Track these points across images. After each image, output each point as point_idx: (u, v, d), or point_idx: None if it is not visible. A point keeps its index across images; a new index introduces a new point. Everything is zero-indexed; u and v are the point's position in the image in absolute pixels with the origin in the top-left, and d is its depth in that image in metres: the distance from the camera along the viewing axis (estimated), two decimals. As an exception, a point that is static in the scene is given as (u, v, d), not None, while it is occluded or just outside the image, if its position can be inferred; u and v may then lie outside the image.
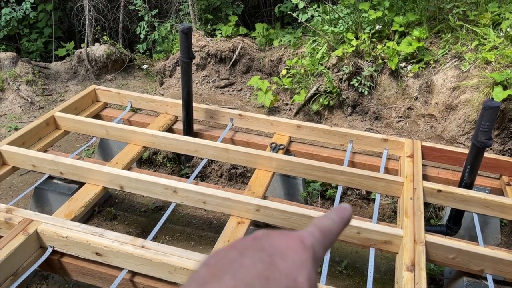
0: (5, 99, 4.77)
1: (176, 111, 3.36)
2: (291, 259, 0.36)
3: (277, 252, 0.36)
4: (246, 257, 0.35)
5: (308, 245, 0.38)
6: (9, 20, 5.26)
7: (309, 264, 0.36)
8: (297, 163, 2.66)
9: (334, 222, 0.43)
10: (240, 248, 0.36)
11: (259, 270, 0.34)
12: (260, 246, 0.36)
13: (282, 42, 4.61)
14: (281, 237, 0.38)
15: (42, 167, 2.62)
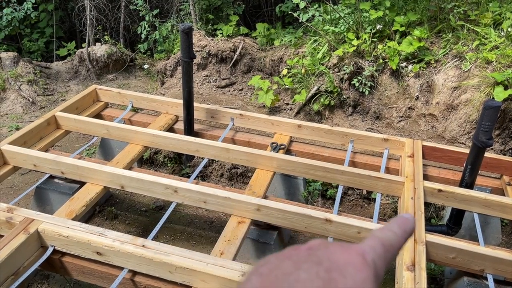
0: (7, 99, 4.78)
1: (177, 110, 3.36)
2: (351, 277, 0.33)
3: (336, 268, 0.34)
4: (302, 271, 0.33)
5: (369, 261, 0.36)
6: (11, 20, 5.28)
7: (370, 282, 0.34)
8: (298, 162, 2.66)
9: (396, 235, 0.40)
10: (296, 259, 0.34)
11: (317, 286, 0.32)
12: (317, 259, 0.34)
13: (283, 42, 4.61)
14: (340, 250, 0.36)
15: (43, 166, 2.62)
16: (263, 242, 2.56)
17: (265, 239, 2.57)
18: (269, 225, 2.54)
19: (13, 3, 5.28)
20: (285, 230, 2.81)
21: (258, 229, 2.62)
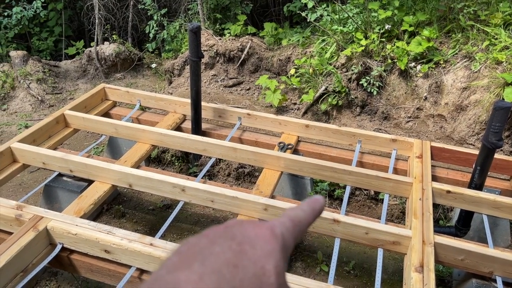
0: (16, 97, 4.82)
1: (185, 110, 3.37)
2: (260, 247, 0.36)
3: (247, 241, 0.36)
4: (216, 245, 0.36)
5: (277, 234, 0.39)
6: (20, 19, 5.31)
7: (278, 252, 0.37)
8: (305, 162, 2.66)
9: (305, 213, 0.43)
10: (212, 237, 0.37)
11: (228, 257, 0.34)
12: (231, 235, 0.37)
13: (291, 41, 4.61)
14: (252, 226, 0.39)
15: (52, 164, 2.64)
16: (270, 241, 2.56)
17: (272, 238, 2.57)
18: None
19: (22, 2, 5.32)
20: (292, 230, 2.80)
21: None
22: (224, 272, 0.34)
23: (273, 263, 0.36)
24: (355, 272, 2.70)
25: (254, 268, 0.35)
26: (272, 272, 0.35)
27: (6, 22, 5.25)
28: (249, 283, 0.34)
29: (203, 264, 0.34)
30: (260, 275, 0.35)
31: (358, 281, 2.64)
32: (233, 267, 0.34)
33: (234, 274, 0.34)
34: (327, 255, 2.79)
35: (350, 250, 2.84)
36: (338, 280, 2.62)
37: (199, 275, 0.33)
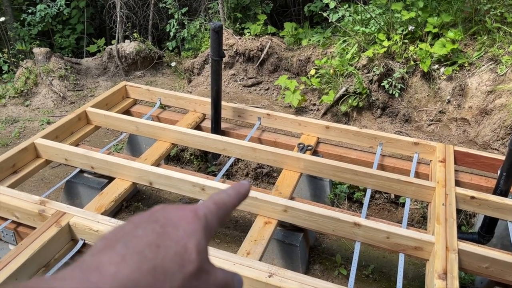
0: (39, 93, 4.90)
1: (205, 109, 3.38)
2: (182, 228, 0.38)
3: (170, 223, 0.38)
4: (139, 229, 0.37)
5: (201, 215, 0.40)
6: (44, 16, 5.40)
7: (200, 232, 0.38)
8: (326, 164, 2.63)
9: (229, 196, 0.45)
10: (136, 222, 0.38)
11: (151, 239, 0.36)
12: (154, 219, 0.38)
13: (311, 41, 4.58)
14: (176, 209, 0.40)
15: (74, 161, 2.67)
16: (289, 243, 2.55)
17: (290, 240, 2.55)
18: (294, 227, 2.52)
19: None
20: (310, 232, 2.78)
21: (284, 230, 2.60)
22: (146, 252, 0.35)
23: (195, 241, 0.37)
24: (374, 276, 2.66)
25: (176, 247, 0.36)
26: (194, 249, 0.37)
27: (30, 19, 5.34)
28: (171, 261, 0.35)
29: (126, 245, 0.35)
30: (182, 253, 0.36)
31: (377, 285, 2.61)
32: (156, 247, 0.35)
33: (156, 254, 0.35)
34: (346, 258, 2.76)
35: (369, 254, 2.80)
36: (357, 284, 2.59)
37: (121, 256, 0.34)
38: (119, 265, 0.34)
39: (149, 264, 0.34)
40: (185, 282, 0.36)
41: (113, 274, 0.33)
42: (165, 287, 0.34)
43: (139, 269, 0.34)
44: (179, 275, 0.35)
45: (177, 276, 0.35)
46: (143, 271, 0.34)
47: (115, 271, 0.34)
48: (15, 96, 4.82)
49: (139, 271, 0.34)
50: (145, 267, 0.34)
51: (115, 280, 0.33)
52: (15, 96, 4.82)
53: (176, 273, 0.35)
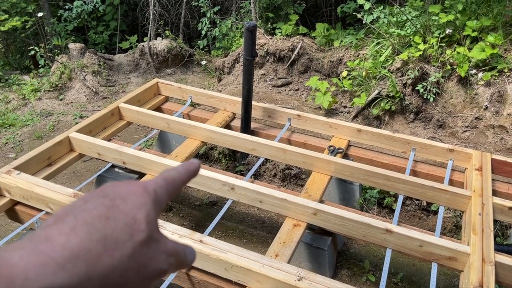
0: (72, 88, 5.01)
1: (235, 108, 3.37)
2: (131, 201, 0.39)
3: (119, 197, 0.39)
4: (89, 203, 0.38)
5: (150, 190, 0.41)
6: (80, 12, 5.52)
7: (149, 205, 0.40)
8: (357, 168, 2.59)
9: (179, 173, 0.46)
10: (86, 197, 0.39)
11: (100, 211, 0.37)
12: (103, 194, 0.39)
13: (343, 43, 4.52)
14: (125, 184, 0.41)
15: (107, 155, 2.71)
16: (317, 247, 2.52)
17: (318, 244, 2.52)
18: (323, 230, 2.49)
19: (83, -4, 5.53)
20: (338, 236, 2.74)
21: (312, 233, 2.57)
22: (96, 223, 0.36)
23: (144, 212, 0.39)
24: (403, 284, 2.60)
25: (125, 218, 0.37)
26: (143, 220, 0.38)
27: (67, 15, 5.47)
28: (120, 231, 0.36)
29: (75, 218, 0.36)
30: (131, 224, 0.37)
31: (406, 294, 2.55)
32: (105, 219, 0.36)
33: (105, 225, 0.36)
34: (374, 264, 2.71)
35: (398, 262, 2.74)
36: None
37: (71, 227, 0.35)
38: (69, 235, 0.35)
39: (99, 234, 0.35)
40: (135, 250, 0.37)
41: (63, 243, 0.34)
42: (116, 255, 0.36)
43: (89, 239, 0.35)
44: (129, 243, 0.37)
45: (127, 244, 0.36)
46: (93, 241, 0.35)
47: (65, 240, 0.34)
48: (50, 90, 4.95)
49: (89, 240, 0.35)
50: (95, 237, 0.35)
51: (66, 249, 0.34)
52: (50, 90, 4.95)
53: (126, 242, 0.37)
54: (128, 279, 0.37)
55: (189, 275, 2.02)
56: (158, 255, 0.39)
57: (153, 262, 0.39)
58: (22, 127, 4.31)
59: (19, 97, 4.87)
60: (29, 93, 4.84)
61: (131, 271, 0.37)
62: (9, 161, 3.76)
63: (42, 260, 0.33)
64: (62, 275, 0.33)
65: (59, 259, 0.33)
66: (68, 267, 0.33)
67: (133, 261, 0.37)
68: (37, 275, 0.32)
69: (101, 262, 0.35)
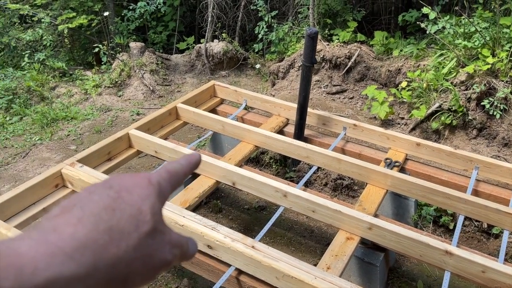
0: (131, 85, 5.19)
1: (289, 114, 3.35)
2: (136, 193, 0.39)
3: (124, 189, 0.39)
4: (95, 195, 0.38)
5: (154, 182, 0.42)
6: (143, 13, 5.71)
7: (153, 196, 0.40)
8: (415, 184, 2.49)
9: (182, 166, 0.47)
10: (91, 189, 0.39)
11: (106, 203, 0.37)
12: (108, 185, 0.40)
13: (403, 52, 4.39)
14: (129, 176, 0.42)
15: (163, 154, 2.77)
16: (368, 262, 2.44)
17: (370, 259, 2.45)
18: (375, 245, 2.41)
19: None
20: (391, 253, 2.65)
21: (364, 248, 2.50)
22: (102, 214, 0.37)
23: (149, 204, 0.39)
24: (458, 309, 2.47)
25: (131, 209, 0.38)
26: (148, 211, 0.39)
27: (130, 15, 5.67)
28: (126, 222, 0.37)
29: (82, 209, 0.37)
30: (137, 215, 0.38)
31: (461, 320, 2.42)
32: (111, 210, 0.37)
33: (111, 216, 0.37)
34: (427, 285, 2.60)
35: (454, 285, 2.61)
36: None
37: (78, 218, 0.36)
38: (76, 226, 0.35)
39: (105, 225, 0.36)
40: (140, 241, 0.38)
41: (71, 234, 0.35)
42: (122, 245, 0.36)
43: (96, 229, 0.36)
44: (135, 234, 0.37)
45: (132, 235, 0.37)
46: (100, 231, 0.36)
47: (72, 231, 0.35)
48: (109, 86, 5.15)
49: (96, 231, 0.36)
50: (101, 228, 0.36)
51: (73, 240, 0.35)
52: (109, 86, 5.15)
53: (132, 233, 0.37)
54: (134, 270, 0.38)
55: (239, 280, 2.01)
56: (163, 246, 0.40)
57: (158, 253, 0.40)
58: (83, 121, 4.51)
59: (81, 92, 5.10)
60: (90, 88, 5.06)
61: (137, 261, 0.38)
62: (70, 152, 3.94)
63: (50, 250, 0.34)
64: (70, 265, 0.34)
65: (67, 249, 0.34)
66: (76, 257, 0.34)
67: (139, 251, 0.38)
68: (46, 265, 0.33)
69: (108, 253, 0.36)
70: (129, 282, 0.38)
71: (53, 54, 5.87)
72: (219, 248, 2.02)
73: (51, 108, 4.74)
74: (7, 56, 6.07)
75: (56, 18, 5.47)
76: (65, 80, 5.37)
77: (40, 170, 3.68)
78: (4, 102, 4.76)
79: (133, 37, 5.90)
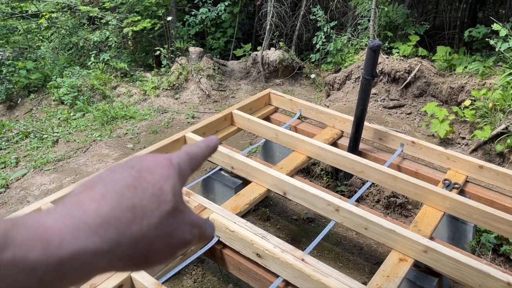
0: (187, 89, 5.32)
1: (344, 126, 3.30)
2: (158, 173, 0.40)
3: (146, 168, 0.40)
4: (117, 173, 0.39)
5: (175, 163, 0.43)
6: (204, 19, 5.85)
7: (175, 177, 0.41)
8: (477, 208, 2.36)
9: (200, 149, 0.47)
10: (113, 168, 0.40)
11: (128, 181, 0.38)
12: (130, 165, 0.40)
13: (467, 69, 4.20)
14: (151, 157, 0.42)
15: (217, 159, 2.81)
16: (421, 286, 2.33)
17: (423, 283, 2.34)
18: (429, 269, 2.30)
19: (208, 3, 5.85)
20: (445, 279, 2.52)
21: (416, 271, 2.39)
22: (125, 192, 0.37)
23: (170, 184, 0.40)
24: None
25: (152, 189, 0.39)
26: (169, 191, 0.40)
27: (191, 20, 5.83)
28: (148, 201, 0.38)
29: (105, 187, 0.38)
30: (159, 194, 0.39)
31: None
32: (133, 189, 0.38)
33: (134, 194, 0.38)
34: (483, 318, 2.44)
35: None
36: None
37: (101, 195, 0.37)
38: (100, 202, 0.36)
39: (128, 203, 0.37)
40: (162, 220, 0.38)
41: (95, 209, 0.36)
42: (144, 223, 0.37)
43: (119, 206, 0.37)
44: (156, 213, 0.38)
45: (154, 214, 0.38)
46: (123, 208, 0.37)
47: (96, 207, 0.36)
48: (167, 89, 5.31)
49: (119, 208, 0.36)
50: (124, 205, 0.37)
51: (97, 215, 0.36)
52: (167, 89, 5.31)
53: (154, 211, 0.38)
54: (155, 247, 0.38)
55: (286, 292, 1.99)
56: (183, 225, 0.41)
57: (178, 232, 0.40)
58: (140, 121, 4.67)
59: (140, 92, 5.29)
60: (149, 89, 5.24)
61: (158, 239, 0.39)
62: (127, 150, 4.09)
63: (76, 224, 0.35)
64: (95, 239, 0.35)
65: (91, 224, 0.35)
66: (100, 232, 0.35)
67: (160, 230, 0.38)
68: (72, 238, 0.34)
69: (131, 230, 0.37)
70: (150, 259, 0.39)
71: (117, 55, 6.14)
72: (268, 258, 2.01)
73: (112, 106, 4.95)
74: (75, 55, 6.42)
75: (122, 21, 5.72)
76: (126, 80, 5.60)
77: (98, 165, 3.84)
78: (69, 98, 5.04)
79: (193, 42, 6.05)
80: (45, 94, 5.32)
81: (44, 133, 4.49)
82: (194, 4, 6.12)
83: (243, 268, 2.14)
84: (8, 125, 4.68)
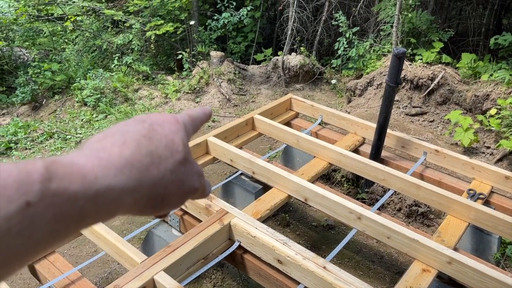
0: (208, 93, 5.36)
1: (366, 133, 3.27)
2: (167, 127, 0.45)
3: (156, 123, 0.44)
4: (130, 126, 0.43)
5: (180, 121, 0.47)
6: (226, 23, 5.89)
7: (181, 131, 0.46)
8: (503, 220, 2.31)
9: (199, 114, 0.52)
10: (126, 123, 0.44)
11: (143, 132, 0.42)
12: (141, 120, 0.44)
13: (493, 77, 4.12)
14: (159, 115, 0.47)
15: (238, 163, 2.81)
16: (443, 298, 2.29)
17: (446, 295, 2.30)
18: (452, 280, 2.26)
19: (231, 8, 5.89)
20: (469, 291, 2.47)
21: (439, 282, 2.35)
22: (142, 140, 0.41)
23: (180, 136, 0.45)
24: None
25: (165, 140, 0.43)
26: (180, 143, 0.44)
27: (214, 24, 5.87)
28: (163, 149, 0.42)
29: (123, 135, 0.41)
30: (171, 145, 0.43)
31: None
32: (149, 138, 0.42)
33: (150, 142, 0.42)
34: (507, 332, 2.38)
35: (539, 336, 2.37)
36: None
37: (122, 141, 0.40)
38: (121, 147, 0.40)
39: (146, 149, 0.41)
40: (175, 167, 0.43)
41: (118, 152, 0.39)
42: (161, 168, 0.41)
43: (138, 151, 0.40)
44: (171, 160, 0.43)
45: (169, 160, 0.42)
46: (142, 154, 0.40)
47: (119, 150, 0.39)
48: (188, 92, 5.35)
49: (139, 153, 0.40)
50: (143, 151, 0.41)
51: (121, 157, 0.39)
52: (188, 92, 5.35)
53: (168, 158, 0.42)
54: (170, 191, 0.43)
55: (307, 299, 1.98)
56: (192, 174, 0.45)
57: (188, 179, 0.45)
58: (161, 123, 4.72)
59: (161, 95, 5.35)
60: (171, 92, 5.29)
61: (173, 184, 0.43)
62: (148, 152, 4.14)
63: (104, 163, 0.38)
64: (122, 177, 0.38)
65: (117, 164, 0.38)
66: (126, 172, 0.39)
67: (174, 175, 0.43)
68: (103, 175, 0.37)
69: (150, 173, 0.40)
70: (165, 202, 0.43)
71: (139, 58, 6.23)
72: (289, 265, 2.01)
73: (133, 109, 5.01)
74: (98, 58, 6.53)
75: (145, 24, 5.80)
76: (147, 83, 5.67)
77: (120, 167, 3.89)
78: (93, 100, 5.12)
79: (214, 46, 6.10)
80: (69, 96, 5.43)
81: (68, 134, 4.58)
82: (216, 9, 6.16)
83: (263, 274, 2.14)
84: (33, 125, 4.79)
